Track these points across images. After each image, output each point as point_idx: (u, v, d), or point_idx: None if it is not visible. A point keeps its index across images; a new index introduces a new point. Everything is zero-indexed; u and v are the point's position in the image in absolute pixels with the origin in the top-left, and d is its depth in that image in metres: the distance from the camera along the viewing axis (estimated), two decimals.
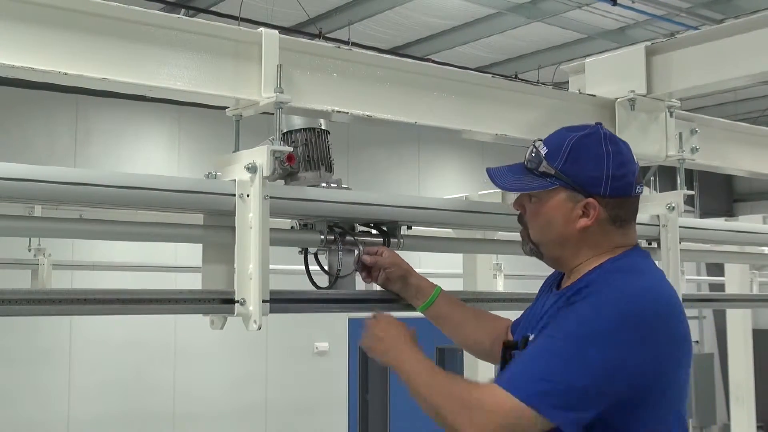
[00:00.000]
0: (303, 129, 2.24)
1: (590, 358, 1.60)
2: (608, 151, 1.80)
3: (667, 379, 1.69)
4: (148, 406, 7.79)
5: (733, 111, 9.84)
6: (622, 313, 1.64)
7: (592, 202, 1.79)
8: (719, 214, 10.85)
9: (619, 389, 1.62)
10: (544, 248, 1.87)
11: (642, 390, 1.64)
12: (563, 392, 1.58)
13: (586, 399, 1.59)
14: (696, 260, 6.98)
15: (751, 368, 4.62)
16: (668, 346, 1.68)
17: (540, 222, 1.85)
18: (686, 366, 1.75)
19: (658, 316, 1.68)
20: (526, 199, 1.88)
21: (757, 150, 3.32)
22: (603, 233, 1.81)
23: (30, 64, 1.75)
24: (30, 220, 2.24)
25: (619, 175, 1.80)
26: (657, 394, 1.67)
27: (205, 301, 1.93)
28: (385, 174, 9.50)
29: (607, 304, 1.67)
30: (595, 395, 1.60)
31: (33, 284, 4.63)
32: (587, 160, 1.80)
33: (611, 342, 1.61)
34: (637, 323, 1.64)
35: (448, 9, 7.34)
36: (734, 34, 2.59)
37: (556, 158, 1.81)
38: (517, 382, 1.62)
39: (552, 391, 1.58)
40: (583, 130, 1.85)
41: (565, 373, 1.59)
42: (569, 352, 1.61)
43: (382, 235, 2.28)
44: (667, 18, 7.40)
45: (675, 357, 1.71)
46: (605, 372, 1.60)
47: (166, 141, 8.30)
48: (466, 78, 2.48)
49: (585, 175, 1.79)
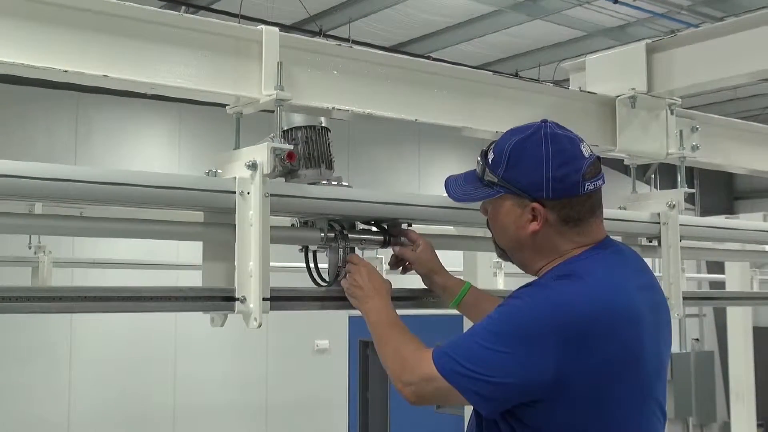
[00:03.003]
0: (303, 126, 2.24)
1: (501, 355, 1.65)
2: (548, 152, 1.78)
3: (592, 389, 1.66)
4: (148, 403, 7.80)
5: (733, 109, 9.84)
6: (536, 318, 1.66)
7: (537, 207, 1.78)
8: (720, 212, 10.83)
9: (529, 388, 1.65)
10: (508, 252, 1.91)
11: (555, 393, 1.64)
12: (476, 379, 1.66)
13: (495, 392, 1.66)
14: (696, 258, 6.97)
15: (751, 366, 4.63)
16: (593, 356, 1.65)
17: (497, 228, 1.90)
18: (632, 378, 1.71)
19: (581, 323, 1.65)
20: (488, 205, 1.90)
21: (757, 148, 3.32)
22: (558, 234, 1.81)
23: (30, 61, 1.75)
24: (30, 218, 2.23)
25: (560, 176, 1.77)
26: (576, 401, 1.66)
27: (206, 298, 1.93)
28: (386, 171, 9.50)
29: (525, 307, 1.70)
30: (504, 390, 1.65)
31: (33, 282, 4.63)
32: (526, 165, 1.79)
33: (521, 344, 1.64)
34: (551, 330, 1.64)
35: (448, 6, 7.33)
36: (735, 32, 2.59)
37: (499, 165, 1.81)
38: (444, 358, 1.71)
39: (468, 375, 1.67)
40: (525, 131, 1.83)
41: (479, 364, 1.66)
42: (486, 345, 1.67)
43: (382, 233, 2.28)
44: (667, 15, 7.39)
45: (603, 369, 1.66)
46: (513, 369, 1.64)
47: (167, 138, 8.30)
48: (466, 75, 2.48)
49: (525, 181, 1.78)
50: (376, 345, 1.94)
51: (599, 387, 1.67)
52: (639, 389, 1.74)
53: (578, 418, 1.68)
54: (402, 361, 1.82)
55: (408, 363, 1.79)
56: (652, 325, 1.79)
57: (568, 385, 1.64)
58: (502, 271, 4.64)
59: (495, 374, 1.65)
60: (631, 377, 1.72)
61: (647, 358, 1.75)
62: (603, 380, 1.67)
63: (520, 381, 1.64)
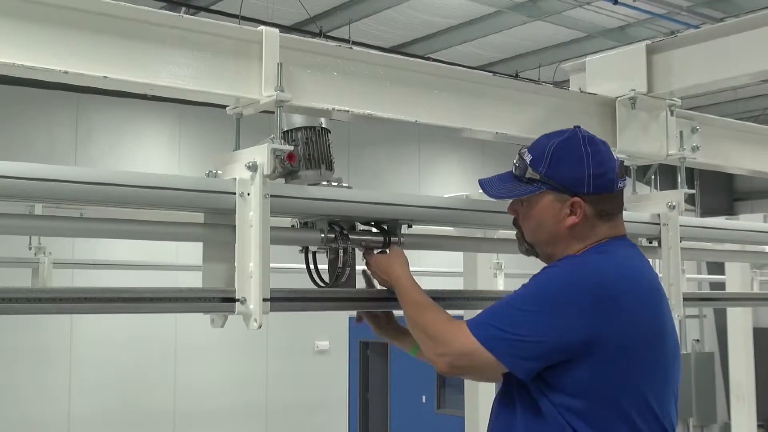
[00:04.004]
0: (303, 127, 2.24)
1: (537, 315, 1.79)
2: (587, 152, 1.94)
3: (618, 351, 1.78)
4: (148, 404, 7.80)
5: (732, 110, 9.84)
6: (573, 281, 1.82)
7: (578, 201, 1.92)
8: (720, 212, 10.83)
9: (563, 347, 1.77)
10: (538, 247, 2.02)
11: (586, 352, 1.77)
12: (513, 341, 1.79)
13: (533, 351, 1.78)
14: (697, 259, 6.97)
15: (751, 367, 4.63)
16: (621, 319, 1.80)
17: (532, 224, 2.00)
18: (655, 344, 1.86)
19: (611, 288, 1.82)
20: (518, 204, 2.02)
21: (757, 149, 3.32)
22: (591, 227, 1.94)
23: (30, 62, 1.75)
24: (30, 219, 2.23)
25: (600, 173, 1.93)
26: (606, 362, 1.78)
27: (206, 299, 1.93)
28: (386, 172, 9.50)
29: (563, 273, 1.87)
30: (540, 349, 1.78)
31: (33, 283, 4.63)
32: (569, 163, 1.94)
33: (558, 303, 1.79)
34: (586, 291, 1.80)
35: (448, 7, 7.34)
36: (735, 33, 2.59)
37: (541, 164, 1.94)
38: (480, 326, 1.84)
39: (505, 338, 1.79)
40: (562, 134, 1.98)
41: (517, 326, 1.79)
42: (522, 308, 1.81)
43: (382, 234, 2.28)
44: (667, 16, 7.40)
45: (629, 332, 1.80)
46: (549, 329, 1.77)
47: (167, 139, 8.31)
48: (466, 76, 2.48)
49: (568, 177, 1.93)
50: (408, 323, 2.05)
51: (626, 348, 1.80)
52: (663, 362, 1.88)
53: (603, 379, 1.79)
54: (434, 334, 1.91)
55: (442, 336, 1.89)
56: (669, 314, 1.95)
57: (598, 345, 1.77)
58: (502, 272, 4.64)
59: (533, 334, 1.78)
60: (656, 346, 1.86)
61: (669, 334, 1.90)
62: (630, 342, 1.80)
63: (557, 339, 1.77)
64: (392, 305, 2.22)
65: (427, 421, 7.67)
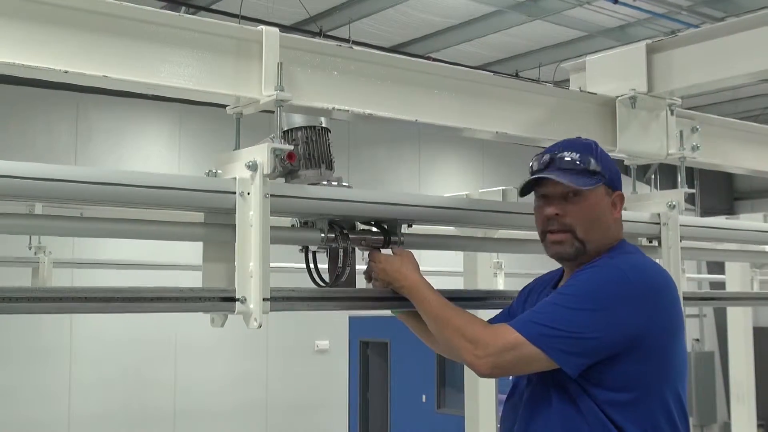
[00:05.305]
0: (303, 127, 2.24)
1: (590, 313, 1.84)
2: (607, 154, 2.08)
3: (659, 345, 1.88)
4: (148, 404, 7.80)
5: (732, 109, 9.85)
6: (625, 279, 1.88)
7: (621, 195, 2.05)
8: (720, 212, 10.84)
9: (614, 343, 1.83)
10: (590, 244, 2.00)
11: (634, 347, 1.84)
12: (565, 338, 1.82)
13: (585, 347, 1.82)
14: (697, 258, 6.98)
15: (751, 366, 4.62)
16: (662, 315, 1.90)
17: (589, 217, 2.00)
18: (681, 340, 1.96)
19: (655, 286, 1.91)
20: (562, 202, 1.99)
21: (757, 148, 3.32)
22: (618, 223, 2.06)
23: (31, 62, 1.75)
24: (30, 218, 2.23)
25: (618, 172, 2.08)
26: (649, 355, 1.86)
27: (206, 299, 1.92)
28: (386, 172, 9.50)
29: (609, 270, 1.91)
30: (592, 345, 1.82)
31: (33, 282, 4.63)
32: (609, 159, 2.06)
33: (609, 301, 1.85)
34: (635, 287, 1.87)
35: (448, 7, 7.34)
36: (735, 32, 2.59)
37: (596, 156, 2.02)
38: (526, 324, 1.87)
39: (556, 335, 1.83)
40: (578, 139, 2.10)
41: (568, 323, 1.83)
42: (573, 306, 1.85)
43: (382, 233, 2.28)
44: (668, 16, 7.40)
45: (667, 327, 1.91)
46: (602, 326, 1.83)
47: (167, 139, 8.30)
48: (466, 76, 2.48)
49: (614, 171, 2.05)
50: (435, 328, 2.03)
51: (665, 342, 1.89)
52: (684, 356, 1.97)
53: (649, 372, 1.86)
54: (473, 337, 1.91)
55: (481, 338, 1.90)
56: None
57: (644, 340, 1.85)
58: (502, 272, 4.64)
59: (582, 330, 1.82)
60: (682, 340, 1.96)
61: (683, 332, 1.99)
62: (668, 336, 1.90)
63: (605, 335, 1.83)
64: (392, 305, 2.22)
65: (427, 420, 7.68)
